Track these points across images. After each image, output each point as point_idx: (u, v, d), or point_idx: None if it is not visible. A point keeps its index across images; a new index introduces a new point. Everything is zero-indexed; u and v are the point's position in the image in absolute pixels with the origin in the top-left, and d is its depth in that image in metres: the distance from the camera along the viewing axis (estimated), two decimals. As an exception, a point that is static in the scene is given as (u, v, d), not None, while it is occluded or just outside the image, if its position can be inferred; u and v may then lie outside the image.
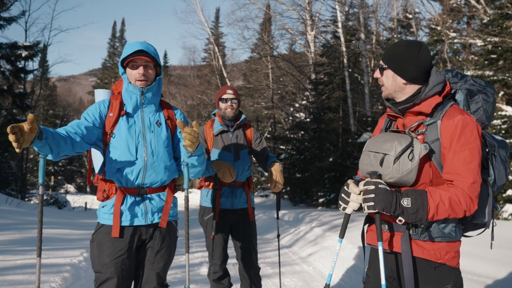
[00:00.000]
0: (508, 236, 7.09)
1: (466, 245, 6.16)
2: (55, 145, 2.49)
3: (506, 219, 11.41)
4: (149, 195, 2.93)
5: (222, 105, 4.34)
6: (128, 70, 2.87)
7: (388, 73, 2.32)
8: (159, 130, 2.96)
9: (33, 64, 30.89)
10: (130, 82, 2.87)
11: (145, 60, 2.86)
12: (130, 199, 2.87)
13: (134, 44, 2.86)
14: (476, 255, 5.99)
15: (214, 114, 4.50)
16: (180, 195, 25.75)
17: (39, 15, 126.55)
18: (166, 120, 3.02)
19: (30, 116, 2.23)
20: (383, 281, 2.19)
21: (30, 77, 26.53)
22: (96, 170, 3.07)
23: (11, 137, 2.17)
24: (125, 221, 2.85)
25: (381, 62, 2.36)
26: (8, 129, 2.15)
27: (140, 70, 2.84)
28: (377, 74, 2.39)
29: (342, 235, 2.40)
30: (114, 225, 2.81)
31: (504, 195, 11.78)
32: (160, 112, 3.03)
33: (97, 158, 3.05)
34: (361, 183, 2.20)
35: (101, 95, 3.13)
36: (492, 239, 2.47)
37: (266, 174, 4.36)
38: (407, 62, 2.25)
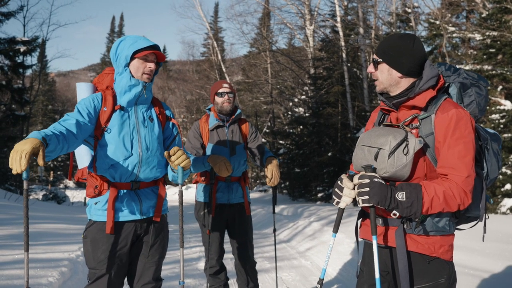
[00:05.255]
0: (506, 230, 7.11)
1: (463, 239, 6.20)
2: (58, 149, 2.47)
3: (504, 213, 11.40)
4: (142, 190, 2.91)
5: (218, 99, 4.31)
6: (135, 63, 2.83)
7: (383, 67, 2.30)
8: (152, 125, 2.94)
9: (31, 59, 31.01)
10: (133, 76, 2.84)
11: (156, 56, 2.90)
12: (123, 194, 2.84)
13: (144, 39, 2.85)
14: (473, 249, 6.00)
15: (209, 109, 4.47)
16: (169, 191, 25.69)
17: (37, 10, 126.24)
18: (157, 115, 3.00)
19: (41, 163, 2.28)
20: (377, 275, 2.18)
21: (28, 72, 26.56)
22: (80, 166, 3.04)
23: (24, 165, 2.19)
24: (120, 217, 2.82)
25: (375, 56, 2.34)
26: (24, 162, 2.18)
27: (152, 65, 2.86)
28: (371, 68, 2.36)
29: (336, 230, 2.39)
30: (108, 222, 2.77)
31: (502, 189, 11.76)
32: (151, 108, 3.01)
33: (80, 153, 3.01)
34: (356, 177, 2.19)
35: (83, 89, 3.06)
36: (485, 232, 2.46)
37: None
38: (403, 55, 2.23)
